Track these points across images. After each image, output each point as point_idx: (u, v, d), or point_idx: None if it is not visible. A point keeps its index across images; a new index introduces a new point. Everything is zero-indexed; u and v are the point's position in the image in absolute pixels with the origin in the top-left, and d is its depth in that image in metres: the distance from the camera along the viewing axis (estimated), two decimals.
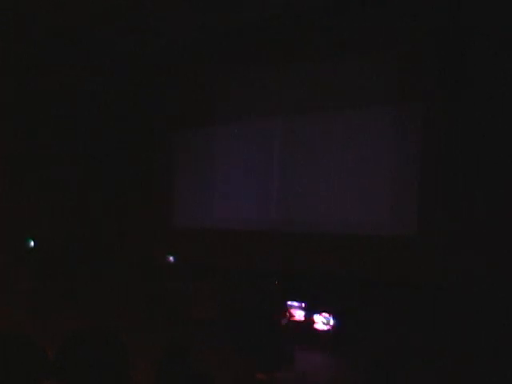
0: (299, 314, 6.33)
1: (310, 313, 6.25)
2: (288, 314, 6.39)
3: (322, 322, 6.08)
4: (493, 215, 5.56)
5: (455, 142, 5.88)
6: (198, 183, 8.35)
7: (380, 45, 6.40)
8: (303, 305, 6.34)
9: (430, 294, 5.69)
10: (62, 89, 8.27)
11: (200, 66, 8.20)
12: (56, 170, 8.48)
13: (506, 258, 5.40)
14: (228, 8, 6.91)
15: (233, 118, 7.91)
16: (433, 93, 6.03)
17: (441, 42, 5.91)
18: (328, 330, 6.00)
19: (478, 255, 5.59)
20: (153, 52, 8.65)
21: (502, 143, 5.56)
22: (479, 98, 5.68)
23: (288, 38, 7.18)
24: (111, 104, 8.94)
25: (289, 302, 6.42)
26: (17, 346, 1.66)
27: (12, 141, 7.90)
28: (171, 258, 8.02)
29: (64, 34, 7.85)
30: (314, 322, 6.13)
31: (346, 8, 6.64)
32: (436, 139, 6.03)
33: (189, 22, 7.42)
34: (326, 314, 6.04)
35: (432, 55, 6.00)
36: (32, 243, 7.91)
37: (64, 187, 8.59)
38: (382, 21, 6.34)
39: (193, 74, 8.32)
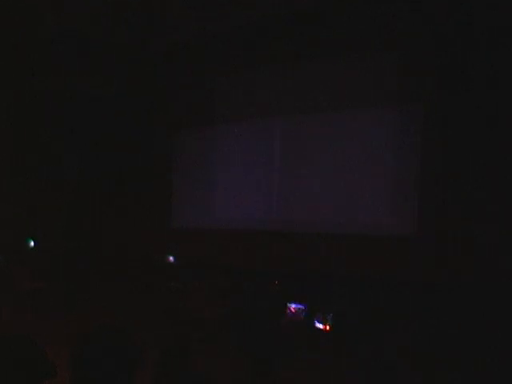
0: (299, 314, 6.33)
1: (310, 313, 6.25)
2: (288, 314, 6.39)
3: (321, 321, 6.07)
4: (493, 215, 5.56)
5: (455, 142, 5.88)
6: (198, 183, 8.35)
7: (380, 45, 6.40)
8: (303, 305, 6.34)
9: (430, 294, 5.69)
10: (62, 88, 8.28)
11: (200, 65, 8.21)
12: (56, 170, 8.49)
13: (507, 258, 5.40)
14: (228, 8, 6.90)
15: (233, 117, 7.91)
16: (433, 93, 6.03)
17: (441, 42, 5.92)
18: (328, 330, 6.00)
19: (478, 255, 5.60)
20: (153, 52, 8.65)
21: (502, 143, 5.56)
22: (479, 98, 5.69)
23: (288, 37, 7.19)
24: (111, 104, 8.94)
25: (289, 302, 6.43)
26: (17, 346, 1.66)
27: (12, 141, 7.91)
28: (171, 258, 8.02)
29: (63, 34, 7.85)
30: (314, 322, 6.13)
31: (346, 8, 6.64)
32: (436, 139, 6.03)
33: (189, 21, 7.42)
34: (326, 314, 6.04)
35: (432, 55, 6.00)
36: (32, 243, 7.91)
37: (64, 187, 8.60)
38: (382, 21, 6.34)
39: (193, 73, 8.33)
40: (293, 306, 6.39)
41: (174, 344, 3.21)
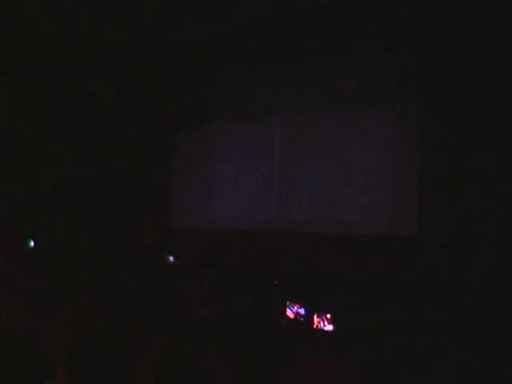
0: (299, 314, 6.33)
1: (310, 313, 6.25)
2: (287, 314, 6.39)
3: (321, 321, 6.07)
4: (493, 215, 5.56)
5: (455, 142, 5.88)
6: (197, 183, 8.35)
7: (380, 45, 6.40)
8: (303, 305, 6.33)
9: (430, 294, 5.69)
10: (62, 89, 8.28)
11: (200, 65, 8.20)
12: (56, 170, 8.49)
13: (507, 258, 5.40)
14: (228, 8, 6.91)
15: (233, 117, 7.91)
16: (433, 93, 6.03)
17: (441, 42, 5.91)
18: (328, 330, 6.00)
19: (478, 255, 5.60)
20: (153, 52, 8.64)
21: (502, 143, 5.56)
22: (479, 98, 5.68)
23: (288, 37, 7.18)
24: (111, 104, 8.94)
25: (289, 302, 6.42)
26: (17, 346, 1.66)
27: (12, 141, 7.90)
28: (171, 258, 8.02)
29: (63, 34, 7.85)
30: (313, 322, 6.13)
31: (345, 8, 6.64)
32: (436, 139, 6.03)
33: (189, 21, 7.42)
34: (326, 314, 6.04)
35: (432, 55, 6.00)
36: (32, 243, 7.90)
37: (64, 187, 8.59)
38: (382, 21, 6.34)
39: (193, 73, 8.32)
40: (292, 307, 6.39)
41: (174, 344, 3.21)
